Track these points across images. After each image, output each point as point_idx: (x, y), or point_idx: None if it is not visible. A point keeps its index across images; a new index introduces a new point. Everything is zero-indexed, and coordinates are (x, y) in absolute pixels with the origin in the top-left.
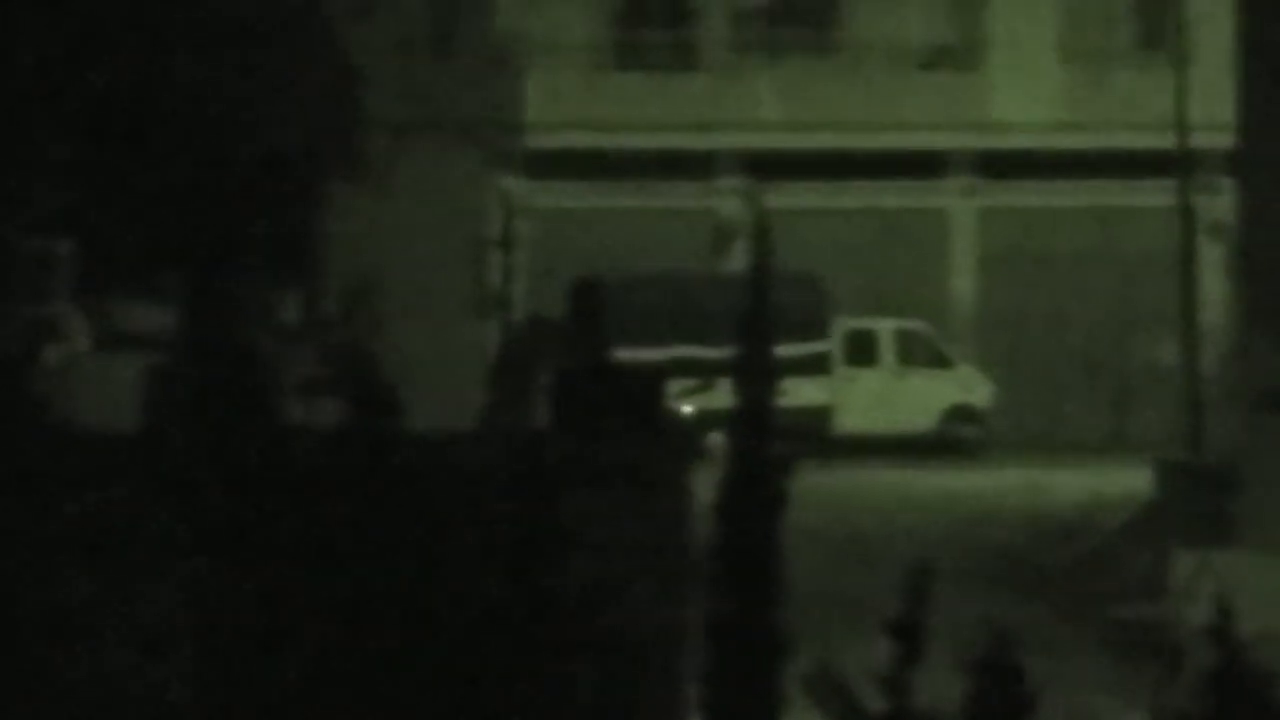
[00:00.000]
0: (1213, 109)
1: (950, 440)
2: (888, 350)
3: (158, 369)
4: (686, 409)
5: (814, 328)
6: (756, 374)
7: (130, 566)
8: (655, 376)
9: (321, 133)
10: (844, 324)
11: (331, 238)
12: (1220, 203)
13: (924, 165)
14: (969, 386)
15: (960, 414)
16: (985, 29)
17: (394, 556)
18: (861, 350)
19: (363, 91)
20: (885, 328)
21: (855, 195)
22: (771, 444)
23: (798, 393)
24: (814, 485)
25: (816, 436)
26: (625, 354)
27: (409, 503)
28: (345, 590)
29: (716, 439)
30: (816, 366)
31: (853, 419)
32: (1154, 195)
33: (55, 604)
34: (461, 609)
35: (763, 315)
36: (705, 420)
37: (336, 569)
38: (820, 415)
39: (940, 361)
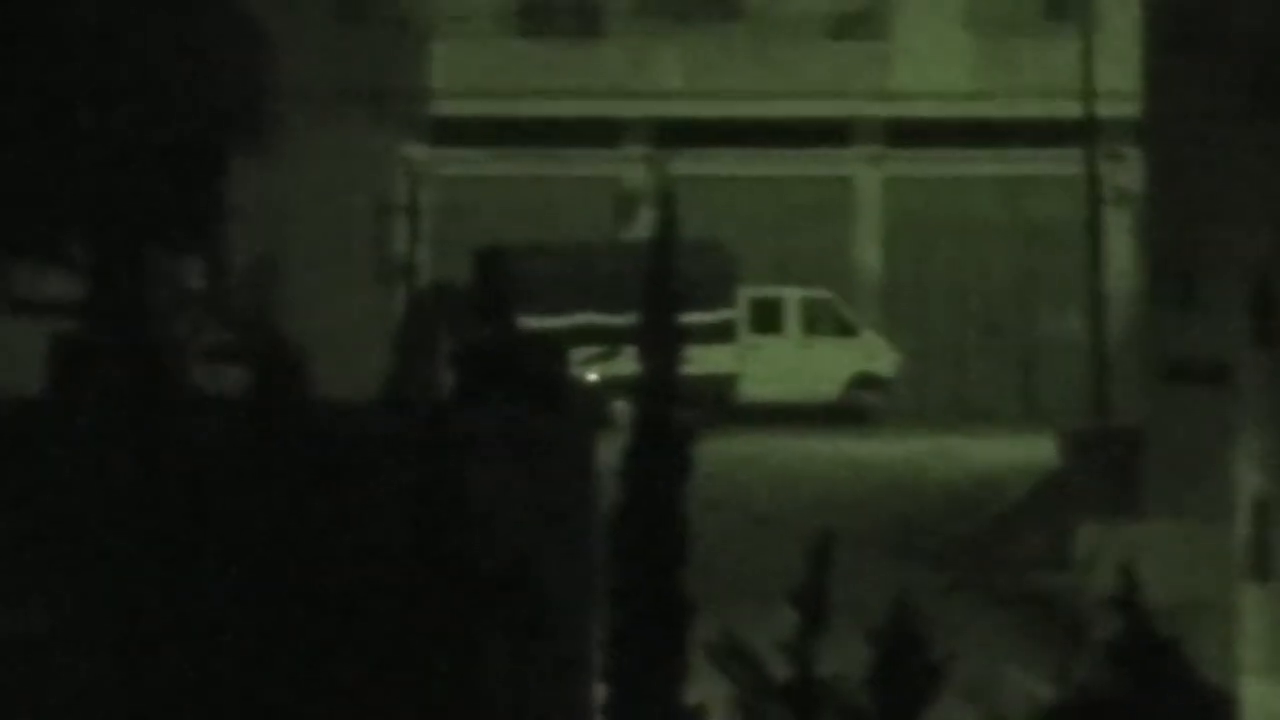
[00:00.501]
0: (1118, 77)
1: (855, 408)
2: (793, 318)
3: (63, 336)
4: (591, 377)
5: (719, 296)
6: (661, 342)
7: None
8: (559, 344)
9: (226, 99)
10: (749, 292)
11: (236, 205)
12: (1126, 171)
13: (829, 134)
14: (874, 355)
15: (865, 382)
16: None
17: (298, 524)
18: (767, 318)
19: (268, 58)
20: (790, 296)
21: (760, 164)
22: (676, 411)
23: (702, 360)
24: (718, 453)
25: (721, 404)
26: (530, 322)
27: (314, 470)
28: (250, 556)
29: (621, 406)
30: (721, 334)
31: (758, 387)
32: (1060, 164)
33: None
34: (367, 577)
35: (667, 283)
36: (610, 388)
37: (241, 536)
38: (725, 383)
39: (845, 330)
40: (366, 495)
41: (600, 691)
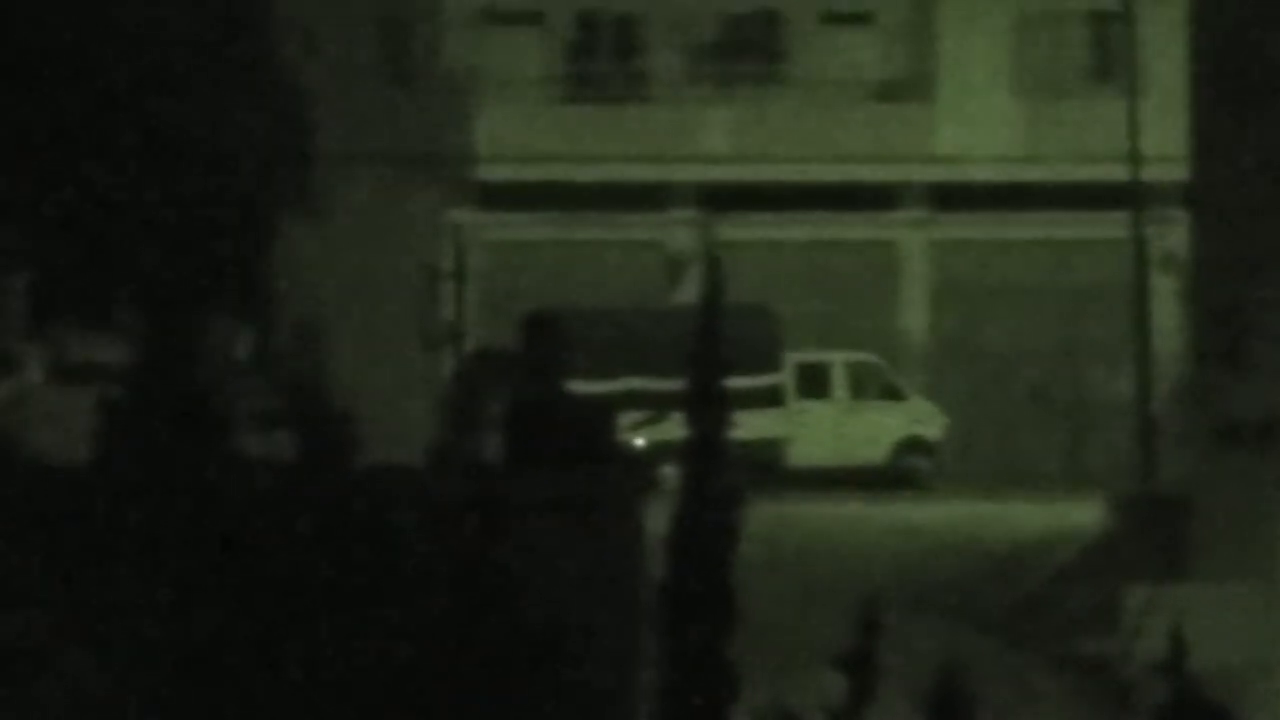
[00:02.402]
0: (1165, 141)
1: (902, 473)
2: (840, 383)
3: (111, 401)
4: (639, 441)
5: (766, 360)
6: (708, 406)
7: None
8: (607, 409)
9: (272, 165)
10: (796, 357)
11: (282, 270)
12: (1173, 234)
13: (875, 198)
14: (921, 419)
15: (912, 446)
16: (936, 61)
17: (344, 588)
18: (813, 382)
19: (314, 123)
20: (837, 360)
21: (806, 228)
22: (723, 476)
23: (749, 425)
24: (766, 518)
25: (768, 469)
26: (577, 386)
27: (362, 535)
28: (296, 622)
29: (668, 471)
30: (768, 399)
31: (805, 451)
32: (1107, 227)
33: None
34: (414, 642)
35: (714, 347)
36: (657, 452)
37: (288, 602)
38: (772, 448)
39: (892, 394)
40: (413, 560)
41: None
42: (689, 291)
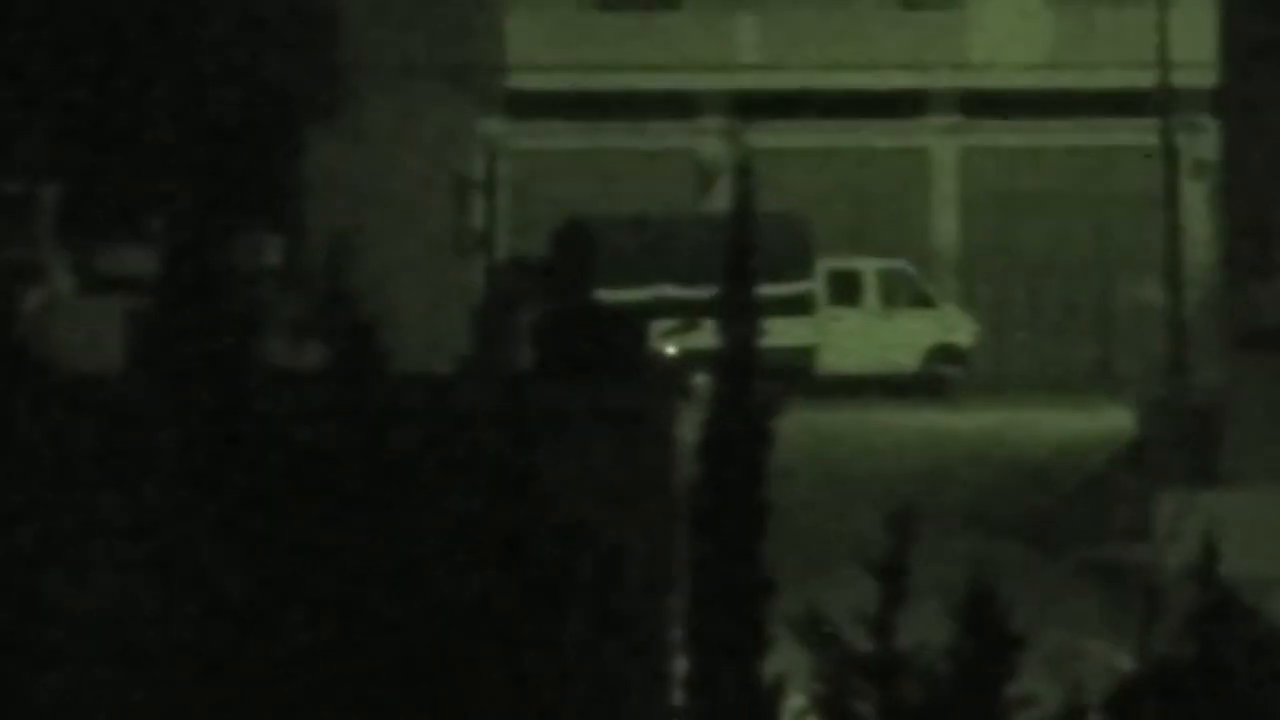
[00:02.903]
0: (1195, 47)
1: (934, 380)
2: (871, 290)
3: (141, 312)
4: (671, 350)
5: (797, 268)
6: (740, 314)
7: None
8: (639, 317)
9: (300, 76)
10: (827, 264)
11: (312, 182)
12: (1203, 141)
13: (906, 104)
14: (952, 326)
15: (944, 354)
16: None
17: (376, 499)
18: (845, 290)
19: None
20: (869, 267)
21: (838, 135)
22: (756, 384)
23: (782, 333)
24: (798, 425)
25: (801, 376)
26: (609, 295)
27: (392, 444)
28: (327, 532)
29: (701, 379)
30: (800, 306)
31: (836, 359)
32: (1137, 135)
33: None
34: (442, 554)
35: (746, 255)
36: (690, 361)
37: (319, 512)
38: (804, 355)
39: (923, 301)
40: (445, 470)
41: (680, 665)
42: (720, 200)
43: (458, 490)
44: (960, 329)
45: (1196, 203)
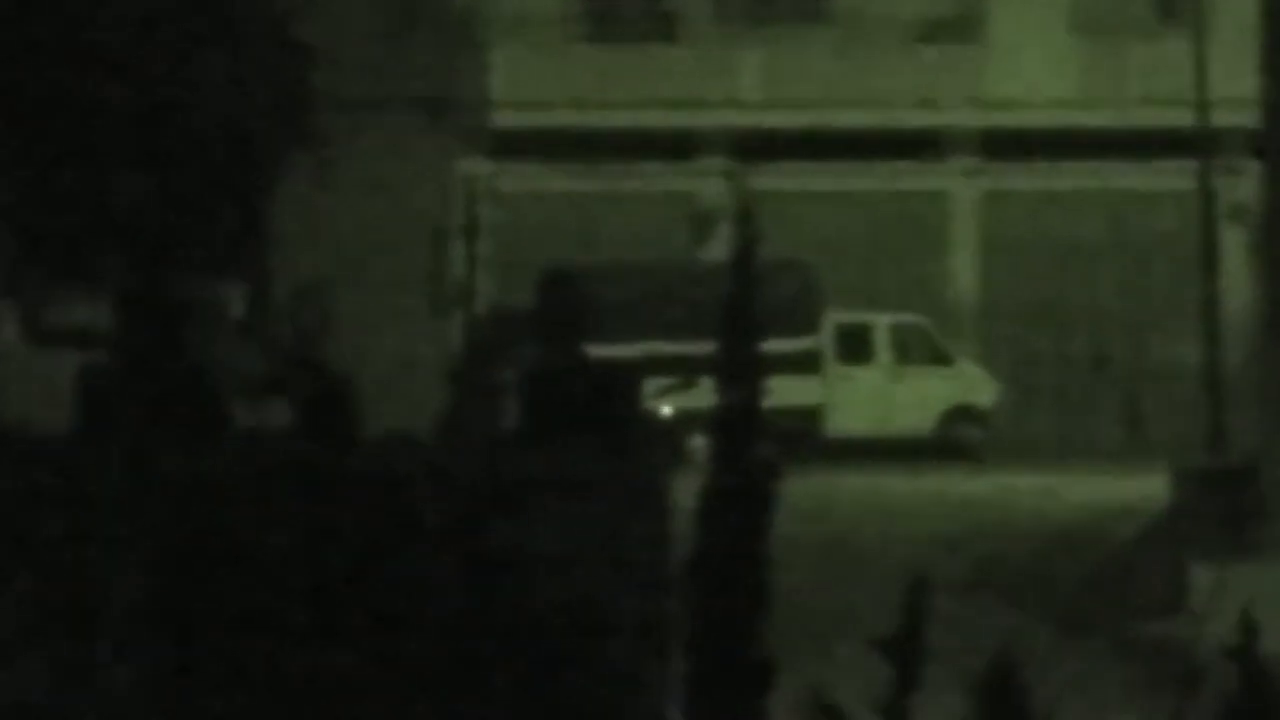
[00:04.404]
0: (1234, 84)
1: (951, 443)
2: (883, 346)
3: (92, 367)
4: (665, 410)
5: (804, 321)
6: (741, 372)
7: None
8: (631, 375)
9: (271, 113)
10: (836, 318)
11: (281, 226)
12: (1243, 185)
13: (922, 145)
14: (971, 385)
15: (962, 415)
16: None
17: (340, 569)
18: (855, 346)
19: (315, 68)
20: (881, 322)
21: (847, 178)
22: (758, 447)
23: (786, 392)
24: (804, 492)
25: (807, 439)
26: (599, 350)
27: (362, 514)
28: (287, 601)
29: (698, 442)
30: (806, 364)
31: (846, 420)
32: (1171, 178)
33: None
34: (418, 627)
35: (747, 308)
36: (686, 421)
37: (280, 581)
38: (810, 416)
39: (940, 358)
40: (419, 541)
41: None
42: (719, 248)
43: (435, 565)
44: (980, 388)
45: (1235, 250)
